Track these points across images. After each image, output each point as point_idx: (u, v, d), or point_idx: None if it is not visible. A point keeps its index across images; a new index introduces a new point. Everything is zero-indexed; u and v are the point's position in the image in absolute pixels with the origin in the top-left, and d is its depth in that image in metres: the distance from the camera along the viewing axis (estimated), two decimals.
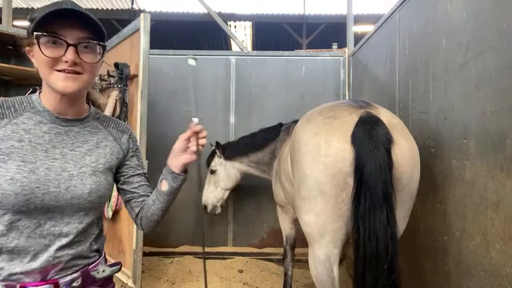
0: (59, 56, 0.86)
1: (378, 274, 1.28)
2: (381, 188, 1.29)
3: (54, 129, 0.95)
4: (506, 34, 1.17)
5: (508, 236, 1.15)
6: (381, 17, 2.46)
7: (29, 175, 0.87)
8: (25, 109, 0.94)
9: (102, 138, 1.04)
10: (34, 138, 0.91)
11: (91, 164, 0.98)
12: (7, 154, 0.87)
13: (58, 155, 0.93)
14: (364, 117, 1.40)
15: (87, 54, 0.90)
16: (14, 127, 0.90)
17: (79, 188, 0.93)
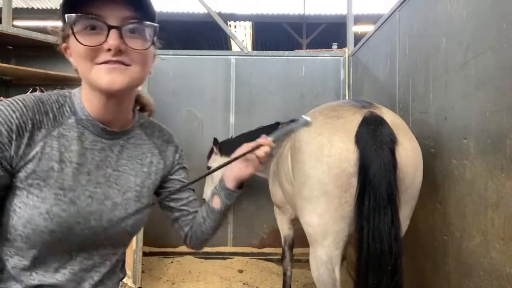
0: (100, 43, 0.67)
1: (382, 275, 1.27)
2: (385, 188, 1.28)
3: (98, 143, 0.77)
4: (506, 34, 1.17)
5: (508, 236, 1.15)
6: (381, 17, 2.46)
7: (68, 208, 0.71)
8: (65, 115, 0.74)
9: (147, 152, 0.87)
10: (75, 156, 0.73)
11: (136, 188, 0.82)
12: (44, 179, 0.69)
13: (102, 178, 0.76)
14: (368, 117, 1.40)
15: (134, 39, 0.70)
16: (54, 142, 0.71)
17: (122, 220, 0.79)
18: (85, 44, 0.67)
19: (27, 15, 8.81)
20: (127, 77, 0.70)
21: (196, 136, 3.51)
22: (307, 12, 8.52)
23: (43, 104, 0.72)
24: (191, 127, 3.51)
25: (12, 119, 0.67)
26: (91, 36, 0.67)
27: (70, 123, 0.74)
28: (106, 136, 0.78)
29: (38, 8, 8.81)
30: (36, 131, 0.70)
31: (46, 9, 8.83)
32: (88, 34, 0.67)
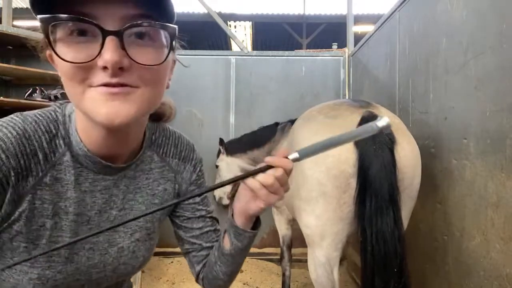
0: (91, 58, 0.46)
1: (388, 278, 1.25)
2: (387, 189, 1.27)
3: (99, 182, 0.61)
4: (506, 34, 1.17)
5: (508, 236, 1.15)
6: (381, 17, 2.46)
7: (65, 268, 0.58)
8: (58, 150, 0.56)
9: (159, 178, 0.70)
10: (72, 205, 0.58)
11: (146, 225, 0.68)
12: (33, 241, 0.55)
13: (105, 223, 0.62)
14: (367, 117, 1.39)
15: (143, 48, 0.48)
16: (46, 193, 0.55)
17: (129, 265, 0.67)
18: (68, 61, 0.46)
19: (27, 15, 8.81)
20: (134, 105, 0.49)
21: (196, 136, 3.50)
22: (307, 12, 8.52)
23: (29, 140, 0.54)
24: (191, 127, 3.52)
25: None
26: (79, 47, 0.46)
27: (65, 161, 0.57)
28: (109, 172, 0.61)
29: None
30: (21, 181, 0.53)
31: None
32: (75, 42, 0.46)
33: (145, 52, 0.48)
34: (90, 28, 0.46)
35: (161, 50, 0.50)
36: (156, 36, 0.50)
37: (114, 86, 0.47)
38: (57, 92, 3.42)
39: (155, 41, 0.50)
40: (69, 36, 0.47)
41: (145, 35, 0.49)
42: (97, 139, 0.56)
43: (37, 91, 3.31)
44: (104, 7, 0.46)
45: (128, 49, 0.47)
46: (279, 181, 0.57)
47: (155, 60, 0.49)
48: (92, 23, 0.45)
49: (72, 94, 0.50)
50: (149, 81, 0.50)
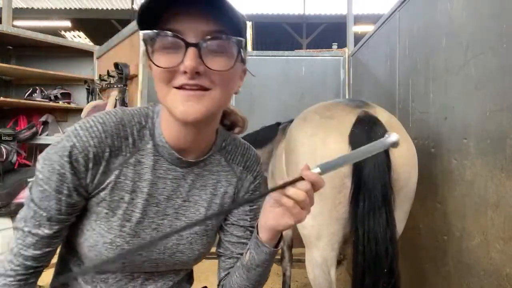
0: (176, 64, 0.58)
1: (378, 277, 1.26)
2: (380, 189, 1.27)
3: (171, 172, 0.71)
4: (506, 34, 1.17)
5: (508, 236, 1.15)
6: (381, 17, 2.46)
7: (132, 240, 0.69)
8: (143, 138, 0.69)
9: (223, 180, 0.78)
10: (147, 187, 0.69)
11: (206, 222, 0.77)
12: (113, 209, 0.68)
13: (170, 209, 0.72)
14: (362, 117, 1.39)
15: (216, 57, 0.59)
16: (129, 171, 0.68)
17: (185, 254, 0.75)
18: (160, 66, 0.59)
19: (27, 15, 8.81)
20: (205, 105, 0.60)
21: None
22: (307, 12, 8.53)
23: (124, 127, 0.67)
24: None
25: (90, 147, 0.64)
26: (168, 56, 0.59)
27: (148, 148, 0.69)
28: (181, 165, 0.72)
29: (38, 8, 8.81)
30: (113, 158, 0.66)
31: (46, 9, 8.83)
32: (166, 53, 0.59)
33: (217, 60, 0.59)
34: (177, 41, 0.58)
35: (230, 58, 0.61)
36: (227, 47, 0.60)
37: (191, 88, 0.59)
38: (57, 92, 3.42)
39: (226, 51, 0.60)
40: (161, 48, 0.59)
41: (218, 46, 0.59)
42: (175, 133, 0.68)
43: (37, 91, 3.30)
44: (188, 24, 0.58)
45: (204, 57, 0.58)
46: (309, 197, 0.61)
47: (225, 67, 0.60)
48: (178, 37, 0.57)
49: (160, 93, 0.62)
50: (219, 84, 0.61)
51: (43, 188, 0.64)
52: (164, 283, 0.78)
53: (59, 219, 0.66)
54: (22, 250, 0.66)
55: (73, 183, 0.64)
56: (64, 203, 0.65)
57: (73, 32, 10.45)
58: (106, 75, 2.76)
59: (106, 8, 8.82)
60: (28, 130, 3.15)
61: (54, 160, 0.63)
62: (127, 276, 0.74)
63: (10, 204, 2.84)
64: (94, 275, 0.73)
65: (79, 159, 0.63)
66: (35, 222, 0.65)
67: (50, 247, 0.68)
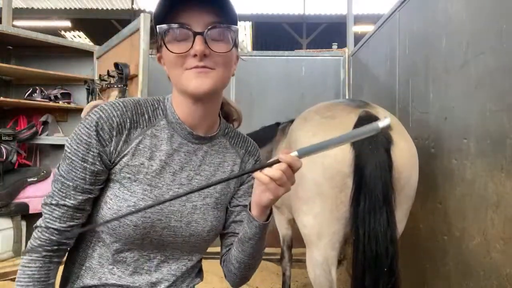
0: (187, 49, 0.71)
1: (378, 277, 1.27)
2: (381, 189, 1.27)
3: (184, 146, 0.81)
4: (506, 34, 1.17)
5: (508, 236, 1.15)
6: (381, 17, 2.46)
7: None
8: (158, 117, 0.81)
9: (229, 160, 0.89)
10: (164, 156, 0.79)
11: (215, 195, 0.85)
12: (135, 173, 0.76)
13: (185, 180, 0.81)
14: (363, 117, 1.39)
15: (217, 42, 0.73)
16: (147, 141, 0.78)
17: (200, 224, 0.82)
18: (174, 52, 0.72)
19: (27, 15, 8.81)
20: (212, 80, 0.73)
21: None
22: (307, 12, 8.53)
23: (140, 106, 0.79)
24: None
25: (114, 117, 0.75)
26: (180, 44, 0.72)
27: (162, 124, 0.80)
28: (192, 140, 0.82)
29: (38, 8, 8.81)
30: (133, 129, 0.77)
31: (46, 9, 8.84)
32: (177, 42, 0.72)
33: (219, 45, 0.73)
34: (185, 32, 0.72)
35: (228, 43, 0.74)
36: (226, 35, 0.74)
37: (201, 67, 0.72)
38: (57, 92, 3.42)
39: (225, 37, 0.74)
40: (174, 39, 0.72)
41: (218, 33, 0.73)
42: (186, 109, 0.79)
43: (37, 91, 3.30)
44: (194, 17, 0.72)
45: (208, 43, 0.71)
46: (285, 175, 0.68)
47: (225, 49, 0.73)
48: (188, 28, 0.71)
49: (175, 75, 0.75)
50: (221, 64, 0.74)
51: (71, 159, 0.73)
52: (178, 267, 0.84)
53: (84, 189, 0.74)
54: (50, 223, 0.74)
55: (98, 149, 0.73)
56: (89, 172, 0.73)
57: (73, 32, 10.45)
58: (106, 75, 2.76)
59: (106, 8, 8.82)
60: (28, 130, 3.15)
61: (82, 133, 0.73)
62: (144, 256, 0.80)
63: (10, 204, 2.84)
64: (114, 253, 0.78)
65: (104, 127, 0.74)
66: (62, 194, 0.74)
67: (74, 221, 0.75)
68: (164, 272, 0.82)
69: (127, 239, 0.76)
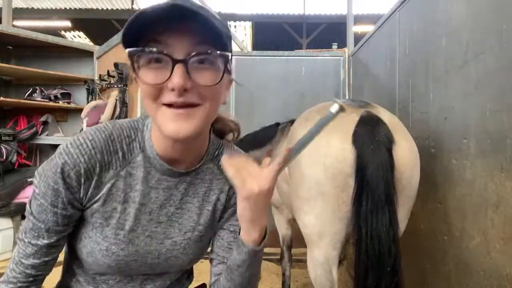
0: (164, 80, 0.58)
1: (381, 276, 1.27)
2: (383, 189, 1.27)
3: (163, 182, 0.73)
4: (506, 34, 1.17)
5: (508, 236, 1.15)
6: (381, 17, 2.46)
7: (127, 247, 0.72)
8: (134, 152, 0.71)
9: (215, 188, 0.79)
10: (139, 196, 0.71)
11: (198, 228, 0.78)
12: (106, 219, 0.70)
13: (164, 217, 0.74)
14: (365, 117, 1.39)
15: (203, 72, 0.59)
16: (120, 183, 0.70)
17: (180, 259, 0.77)
18: (148, 83, 0.59)
19: (27, 15, 8.81)
20: (194, 122, 0.61)
21: None
22: (307, 12, 8.52)
23: (113, 142, 0.69)
24: None
25: (80, 163, 0.67)
26: (156, 72, 0.59)
27: (138, 161, 0.71)
28: (172, 175, 0.73)
29: (38, 8, 8.80)
30: (104, 173, 0.69)
31: (46, 9, 8.83)
32: (153, 68, 0.59)
33: (205, 75, 0.60)
34: (163, 57, 0.58)
35: (218, 72, 0.61)
36: (214, 61, 0.61)
37: (180, 106, 0.59)
38: (57, 92, 3.42)
39: (213, 65, 0.61)
40: (148, 64, 0.59)
41: (205, 60, 0.60)
42: (165, 146, 0.69)
43: (37, 91, 3.31)
44: (173, 39, 0.58)
45: (191, 73, 0.58)
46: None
47: (213, 81, 0.60)
48: (164, 54, 0.57)
49: (149, 109, 0.63)
50: (207, 98, 0.61)
51: (40, 202, 0.68)
52: (164, 281, 0.81)
53: (57, 230, 0.70)
54: (23, 259, 0.71)
55: (67, 197, 0.68)
56: (60, 216, 0.69)
57: (73, 32, 10.45)
58: (106, 75, 2.76)
59: (106, 8, 8.82)
60: (28, 130, 3.15)
61: (48, 176, 0.67)
62: (126, 277, 0.77)
63: (10, 204, 2.84)
64: (95, 277, 0.76)
65: (71, 175, 0.67)
66: (34, 234, 0.70)
67: (48, 257, 0.72)
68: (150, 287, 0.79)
69: (104, 271, 0.75)
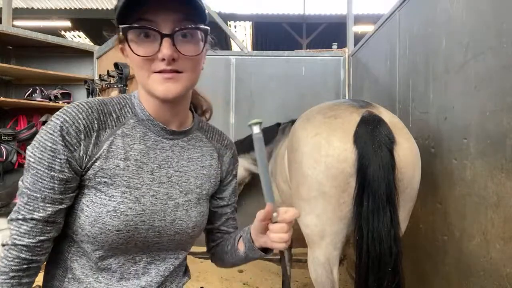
0: (154, 52, 0.68)
1: (382, 276, 1.27)
2: (384, 189, 1.28)
3: (159, 143, 0.78)
4: (506, 34, 1.17)
5: (508, 236, 1.15)
6: (381, 17, 2.46)
7: (134, 206, 0.72)
8: (126, 115, 0.77)
9: (207, 155, 0.87)
10: (139, 155, 0.75)
11: (196, 190, 0.83)
12: (111, 177, 0.71)
13: (164, 178, 0.78)
14: (366, 117, 1.39)
15: (186, 44, 0.70)
16: (119, 141, 0.73)
17: (184, 221, 0.80)
18: (140, 55, 0.68)
19: (27, 15, 8.81)
20: (181, 84, 0.71)
21: None
22: (307, 12, 8.52)
23: (106, 105, 0.74)
24: None
25: (80, 119, 0.69)
26: (145, 45, 0.68)
27: (132, 123, 0.76)
28: (166, 136, 0.79)
29: (38, 8, 8.80)
30: (101, 131, 0.72)
31: (46, 9, 8.83)
32: (142, 42, 0.68)
33: (188, 47, 0.70)
34: (152, 32, 0.68)
35: (198, 44, 0.72)
36: (195, 35, 0.72)
37: (169, 72, 0.69)
38: (57, 92, 3.42)
39: (194, 38, 0.71)
40: (138, 38, 0.68)
41: (188, 34, 0.70)
42: (156, 108, 0.77)
43: (37, 91, 3.31)
44: (161, 16, 0.67)
45: (177, 45, 0.68)
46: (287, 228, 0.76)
47: (195, 52, 0.71)
48: (154, 29, 0.67)
49: (141, 77, 0.72)
50: (190, 67, 0.72)
51: (35, 170, 0.67)
52: (166, 267, 0.81)
53: (53, 199, 0.69)
54: (17, 240, 0.67)
55: (66, 155, 0.68)
56: (57, 180, 0.68)
57: (73, 32, 10.45)
58: (106, 75, 2.76)
59: (106, 8, 8.81)
60: (28, 130, 3.15)
61: (45, 139, 0.68)
62: (130, 260, 0.76)
63: (10, 204, 2.84)
64: (97, 262, 0.73)
65: (70, 132, 0.68)
66: (29, 208, 0.68)
67: (44, 235, 0.69)
68: (152, 274, 0.79)
69: (110, 245, 0.71)
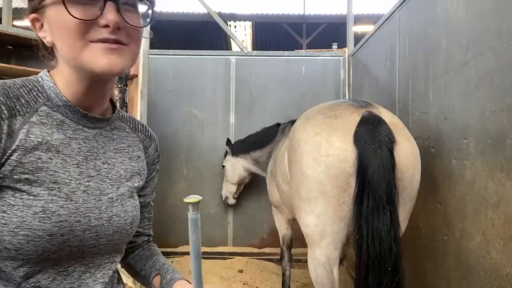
0: (95, 16, 0.57)
1: (382, 276, 1.27)
2: (384, 189, 1.28)
3: (80, 132, 0.67)
4: (506, 34, 1.17)
5: (508, 236, 1.15)
6: (381, 17, 2.46)
7: (66, 204, 0.61)
8: (37, 100, 0.63)
9: (133, 145, 0.79)
10: (61, 146, 0.63)
11: (127, 183, 0.74)
12: (33, 172, 0.59)
13: (92, 171, 0.68)
14: (366, 117, 1.39)
15: (131, 13, 0.61)
16: (36, 130, 0.61)
17: (121, 218, 0.70)
18: (77, 17, 0.56)
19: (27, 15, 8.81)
20: (126, 58, 0.62)
21: (196, 136, 3.50)
22: (307, 12, 8.52)
23: (10, 88, 0.61)
24: (191, 127, 3.51)
25: None
26: (84, 8, 0.57)
27: (46, 110, 0.64)
28: (88, 124, 0.68)
29: None
30: (12, 119, 0.59)
31: None
32: (79, 4, 0.57)
33: (134, 17, 0.62)
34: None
35: (143, 16, 0.65)
36: (136, 6, 0.63)
37: (113, 42, 0.59)
38: None
39: (137, 10, 0.63)
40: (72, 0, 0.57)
41: (134, 3, 0.63)
42: (79, 89, 0.65)
43: None
44: None
45: (123, 13, 0.59)
46: None
47: (141, 23, 0.64)
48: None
49: (71, 47, 0.59)
50: (135, 39, 0.63)
51: None
52: (103, 273, 0.71)
53: None
54: None
55: None
56: None
57: None
58: None
59: None
60: None
61: None
62: (61, 272, 0.64)
63: None
64: (20, 283, 0.60)
65: None
66: None
67: None
68: (90, 284, 0.68)
69: (40, 255, 0.59)
